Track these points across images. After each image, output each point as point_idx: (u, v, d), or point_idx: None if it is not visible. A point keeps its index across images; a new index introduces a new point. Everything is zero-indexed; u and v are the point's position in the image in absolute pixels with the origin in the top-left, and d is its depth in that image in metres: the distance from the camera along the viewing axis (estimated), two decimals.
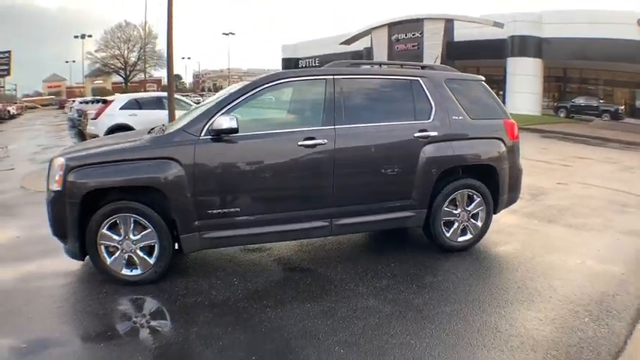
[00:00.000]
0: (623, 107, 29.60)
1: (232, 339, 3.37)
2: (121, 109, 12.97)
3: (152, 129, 4.79)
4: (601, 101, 29.87)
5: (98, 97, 23.47)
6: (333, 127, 4.40)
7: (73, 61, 70.04)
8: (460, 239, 4.89)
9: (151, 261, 4.07)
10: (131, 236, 4.03)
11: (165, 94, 12.43)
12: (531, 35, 29.34)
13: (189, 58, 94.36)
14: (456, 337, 3.37)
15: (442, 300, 3.95)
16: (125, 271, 4.08)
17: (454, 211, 4.83)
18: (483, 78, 5.34)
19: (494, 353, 3.18)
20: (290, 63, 47.64)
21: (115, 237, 4.02)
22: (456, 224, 4.85)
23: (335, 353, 3.22)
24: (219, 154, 4.15)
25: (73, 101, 27.81)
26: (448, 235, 4.84)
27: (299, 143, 4.31)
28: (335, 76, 4.57)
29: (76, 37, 64.69)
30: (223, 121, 4.04)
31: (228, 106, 4.23)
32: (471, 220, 4.90)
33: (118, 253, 4.05)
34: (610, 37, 25.40)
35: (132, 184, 4.01)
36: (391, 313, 3.74)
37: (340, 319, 3.63)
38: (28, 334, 3.40)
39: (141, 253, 4.07)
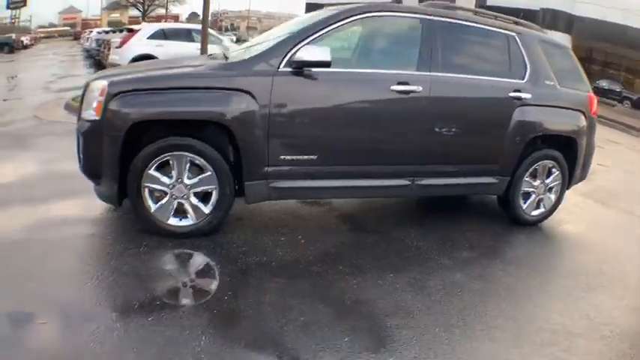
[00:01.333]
0: None
1: (315, 313, 2.57)
2: (148, 38, 11.75)
3: (210, 55, 3.82)
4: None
5: (121, 27, 21.71)
6: (428, 73, 3.57)
7: None
8: (534, 213, 4.31)
9: (206, 210, 3.19)
10: (185, 179, 3.12)
11: (195, 26, 11.71)
12: (563, 10, 28.01)
13: None
14: (554, 323, 2.82)
15: (530, 279, 3.39)
16: (173, 221, 3.19)
17: (533, 183, 4.23)
18: (570, 46, 4.64)
19: (589, 343, 2.71)
20: (314, 8, 44.97)
21: (165, 179, 3.12)
22: (533, 197, 4.26)
23: (438, 337, 2.51)
24: (300, 90, 3.24)
25: (90, 32, 25.83)
26: (524, 207, 4.24)
27: (392, 87, 3.44)
28: (433, 17, 3.72)
29: None
30: (311, 52, 3.12)
31: (313, 36, 3.28)
32: (547, 193, 4.33)
33: (165, 199, 3.15)
34: None
35: (193, 117, 3.08)
36: (482, 290, 3.09)
37: (430, 294, 2.93)
38: (46, 306, 2.41)
39: (194, 201, 3.18)
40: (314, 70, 3.20)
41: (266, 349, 2.25)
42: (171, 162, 3.09)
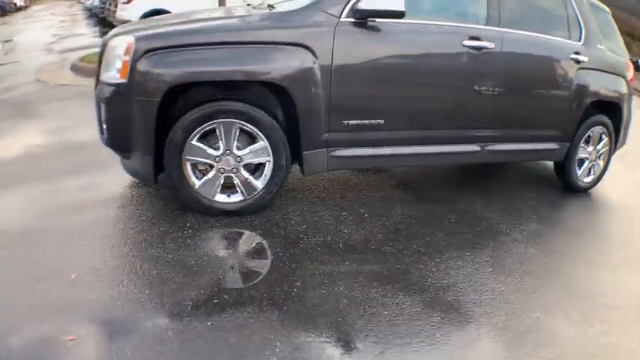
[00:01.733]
0: None
1: (398, 305, 2.18)
2: None
3: (249, 4, 3.27)
4: None
5: None
6: (498, 28, 3.10)
7: None
8: (586, 180, 4.08)
9: (259, 184, 2.74)
10: (234, 150, 2.65)
11: None
12: None
13: None
14: None
15: (609, 255, 3.10)
16: (220, 198, 2.74)
17: (587, 149, 3.95)
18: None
19: None
20: None
21: (210, 151, 2.64)
22: (586, 163, 4.01)
23: (530, 319, 2.19)
24: (365, 44, 2.73)
25: None
26: (578, 174, 3.96)
27: (464, 43, 2.95)
28: None
29: None
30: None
31: None
32: (597, 160, 4.07)
33: (211, 173, 2.69)
34: None
35: (243, 77, 2.57)
36: (560, 268, 2.76)
37: (509, 274, 2.58)
38: (74, 314, 1.87)
39: (245, 174, 2.72)
40: (379, 20, 2.69)
41: (357, 355, 1.85)
42: (217, 131, 2.61)
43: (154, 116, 2.50)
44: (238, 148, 2.66)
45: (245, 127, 2.61)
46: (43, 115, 4.88)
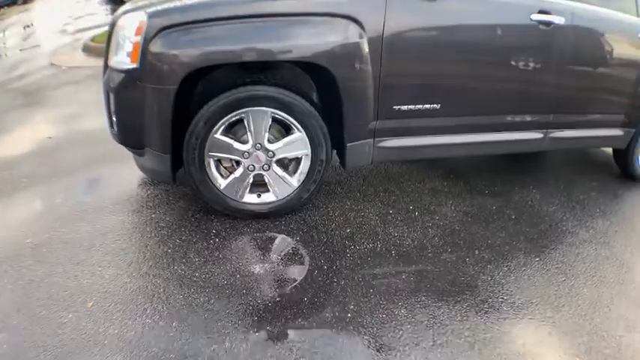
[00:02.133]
0: None
1: (472, 331, 1.77)
2: None
3: None
4: None
5: None
6: (568, 2, 2.59)
7: None
8: None
9: (294, 181, 2.31)
10: (265, 144, 2.21)
11: None
12: None
13: None
14: None
15: None
16: (249, 198, 2.33)
17: None
18: None
19: None
20: None
21: (237, 145, 2.21)
22: None
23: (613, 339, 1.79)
24: (420, 16, 2.24)
25: None
26: (639, 162, 3.44)
27: (532, 17, 2.44)
28: None
29: None
30: None
31: None
32: None
33: (239, 170, 2.27)
34: None
35: (279, 57, 2.11)
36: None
37: (584, 283, 2.14)
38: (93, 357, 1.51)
39: (278, 171, 2.29)
40: None
41: None
42: (245, 121, 2.17)
43: (171, 107, 2.07)
44: (270, 141, 2.23)
45: (278, 116, 2.16)
46: (53, 103, 4.52)
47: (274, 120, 2.19)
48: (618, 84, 3.02)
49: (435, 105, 2.32)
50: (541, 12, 2.46)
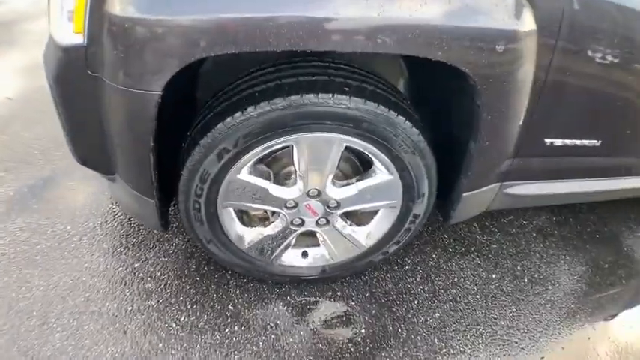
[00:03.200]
0: None
1: None
2: None
3: None
4: None
5: None
6: None
7: None
8: None
9: (363, 239, 1.36)
10: (328, 189, 1.21)
11: None
12: None
13: None
14: None
15: None
16: (289, 258, 1.38)
17: None
18: None
19: None
20: None
21: (276, 192, 1.20)
22: None
23: None
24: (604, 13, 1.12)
25: None
26: None
27: None
28: None
29: None
30: None
31: None
32: None
33: (277, 224, 1.29)
34: None
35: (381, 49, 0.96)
36: None
37: None
38: None
39: (342, 226, 1.31)
40: None
41: None
42: (294, 152, 1.13)
43: (152, 125, 1.00)
44: (334, 183, 1.22)
45: (356, 147, 1.14)
46: (28, 42, 2.95)
47: (352, 154, 1.17)
48: None
49: (594, 141, 1.34)
50: None
